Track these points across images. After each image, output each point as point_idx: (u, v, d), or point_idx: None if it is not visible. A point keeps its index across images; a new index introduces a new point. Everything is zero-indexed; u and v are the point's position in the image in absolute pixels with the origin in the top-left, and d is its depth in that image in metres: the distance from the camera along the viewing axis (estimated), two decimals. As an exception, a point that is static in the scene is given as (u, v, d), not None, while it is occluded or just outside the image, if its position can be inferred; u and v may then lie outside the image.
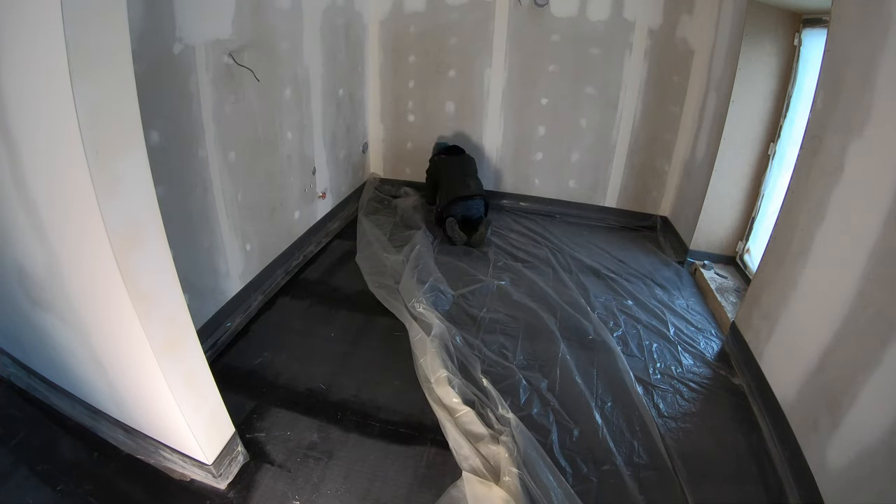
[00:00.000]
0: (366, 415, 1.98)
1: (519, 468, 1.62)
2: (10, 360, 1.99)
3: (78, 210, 1.18)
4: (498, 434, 1.78)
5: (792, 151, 2.43)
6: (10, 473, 1.66)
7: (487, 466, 1.69)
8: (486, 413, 1.90)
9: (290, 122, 2.82)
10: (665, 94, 3.50)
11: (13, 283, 1.59)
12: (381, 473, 1.73)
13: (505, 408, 1.90)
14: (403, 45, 3.80)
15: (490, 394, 2.00)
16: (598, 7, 3.36)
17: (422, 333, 2.32)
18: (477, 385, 2.06)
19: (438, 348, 2.19)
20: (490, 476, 1.65)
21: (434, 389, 2.01)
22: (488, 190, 4.09)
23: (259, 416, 1.95)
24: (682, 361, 2.36)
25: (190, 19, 1.92)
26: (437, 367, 2.08)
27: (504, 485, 1.58)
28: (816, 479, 1.58)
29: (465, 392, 1.99)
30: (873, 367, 1.41)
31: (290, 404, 2.01)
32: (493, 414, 1.89)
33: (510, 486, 1.57)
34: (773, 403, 1.94)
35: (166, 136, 1.90)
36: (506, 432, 1.77)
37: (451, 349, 2.24)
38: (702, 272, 3.08)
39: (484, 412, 1.90)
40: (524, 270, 3.10)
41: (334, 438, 1.87)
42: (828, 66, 1.91)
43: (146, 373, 1.41)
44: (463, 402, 1.91)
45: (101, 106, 1.10)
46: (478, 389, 2.03)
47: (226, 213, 2.33)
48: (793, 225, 2.01)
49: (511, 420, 1.83)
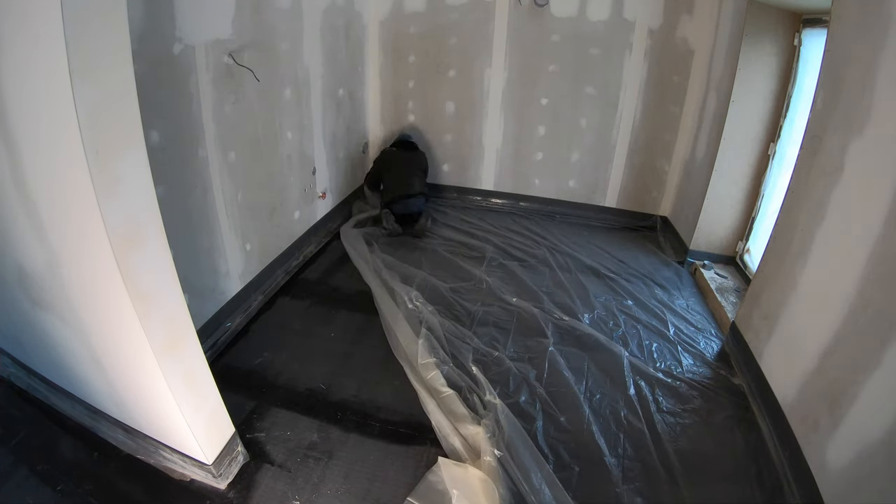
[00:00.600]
0: (366, 415, 1.98)
1: (500, 449, 1.65)
2: (10, 360, 1.99)
3: (78, 210, 1.18)
4: (480, 417, 1.81)
5: (792, 151, 2.43)
6: (10, 473, 1.66)
7: (467, 447, 1.72)
8: (472, 398, 1.95)
9: (290, 122, 2.82)
10: (665, 94, 3.50)
11: (13, 283, 1.59)
12: (381, 473, 1.73)
13: (493, 394, 1.93)
14: (403, 45, 3.80)
15: (479, 380, 2.04)
16: (598, 7, 3.36)
17: (389, 300, 2.44)
18: (467, 373, 2.11)
19: (427, 337, 2.24)
20: (470, 456, 1.67)
21: (419, 371, 2.07)
22: (489, 190, 4.11)
23: (259, 416, 1.95)
24: (681, 361, 2.36)
25: (190, 19, 1.92)
26: (425, 355, 2.13)
27: (482, 464, 1.59)
28: (816, 479, 1.58)
29: (452, 377, 2.05)
30: (873, 367, 1.41)
31: (290, 404, 2.01)
32: (481, 400, 1.94)
33: (488, 466, 1.58)
34: (773, 403, 1.94)
35: (166, 136, 1.90)
36: (488, 416, 1.80)
37: (443, 339, 2.30)
38: (702, 272, 3.08)
39: (471, 397, 1.96)
40: (518, 269, 3.11)
41: (334, 438, 1.87)
42: (828, 66, 1.91)
43: (146, 373, 1.41)
44: (447, 385, 1.97)
45: (101, 106, 1.09)
46: (467, 376, 2.08)
47: (226, 213, 2.33)
48: (793, 225, 2.01)
49: (497, 405, 1.86)
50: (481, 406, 1.91)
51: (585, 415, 2.00)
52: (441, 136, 4.03)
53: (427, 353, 2.16)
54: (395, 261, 3.03)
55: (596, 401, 2.08)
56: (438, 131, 4.02)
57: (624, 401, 2.09)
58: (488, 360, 2.25)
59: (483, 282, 2.92)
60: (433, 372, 2.06)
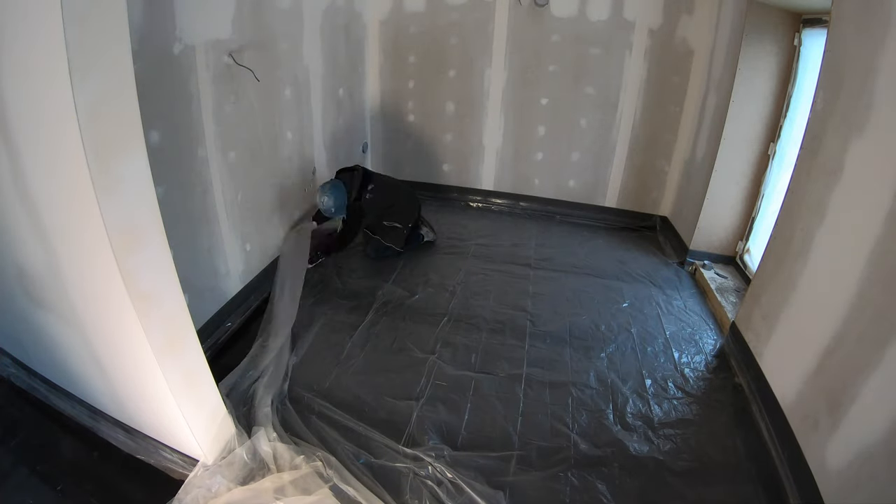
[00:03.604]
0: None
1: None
2: (10, 360, 1.99)
3: (78, 210, 1.19)
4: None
5: (792, 151, 2.42)
6: (10, 473, 1.67)
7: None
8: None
9: (290, 122, 2.82)
10: (665, 94, 3.50)
11: (13, 283, 1.59)
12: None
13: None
14: (403, 45, 3.79)
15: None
16: (598, 7, 3.36)
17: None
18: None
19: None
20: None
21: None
22: (489, 190, 4.11)
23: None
24: (681, 361, 2.36)
25: (190, 19, 1.92)
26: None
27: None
28: (816, 479, 1.58)
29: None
30: (873, 368, 1.41)
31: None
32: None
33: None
34: (773, 403, 1.94)
35: (166, 136, 1.90)
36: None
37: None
38: (702, 272, 3.08)
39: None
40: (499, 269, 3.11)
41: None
42: (828, 66, 1.91)
43: (146, 372, 1.41)
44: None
45: (101, 106, 1.10)
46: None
47: (226, 214, 2.33)
48: (793, 225, 2.01)
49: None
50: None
51: (578, 416, 2.00)
52: (441, 136, 4.03)
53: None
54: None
55: (588, 400, 2.09)
56: (438, 131, 4.02)
57: (623, 401, 2.10)
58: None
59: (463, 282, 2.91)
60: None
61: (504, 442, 1.87)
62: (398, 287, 2.85)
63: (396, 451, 1.77)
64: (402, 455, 1.76)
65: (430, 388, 2.10)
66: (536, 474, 1.74)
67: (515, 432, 1.91)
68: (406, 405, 2.00)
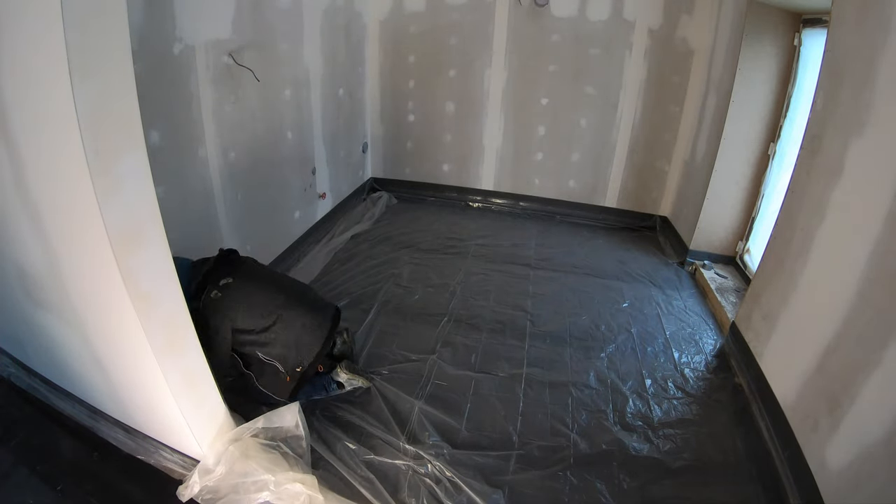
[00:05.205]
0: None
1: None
2: (10, 360, 1.99)
3: (78, 210, 1.18)
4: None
5: (792, 151, 2.42)
6: (10, 473, 1.66)
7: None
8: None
9: (290, 122, 2.82)
10: (665, 94, 3.50)
11: (13, 283, 1.59)
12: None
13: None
14: (403, 45, 3.79)
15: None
16: (598, 7, 3.36)
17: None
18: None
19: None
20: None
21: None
22: (489, 190, 4.10)
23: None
24: (681, 361, 2.36)
25: (190, 19, 1.92)
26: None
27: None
28: (816, 479, 1.58)
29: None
30: (873, 367, 1.41)
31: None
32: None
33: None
34: (773, 403, 1.94)
35: (166, 136, 1.90)
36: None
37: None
38: (702, 272, 3.08)
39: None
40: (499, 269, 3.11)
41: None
42: (828, 66, 1.91)
43: (146, 372, 1.41)
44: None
45: (101, 106, 1.09)
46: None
47: (226, 214, 2.33)
48: (793, 225, 2.01)
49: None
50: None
51: (577, 416, 2.00)
52: (441, 135, 4.03)
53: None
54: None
55: (588, 400, 2.09)
56: (438, 131, 4.02)
57: (623, 401, 2.09)
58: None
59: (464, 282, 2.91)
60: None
61: (504, 441, 1.87)
62: (398, 287, 2.85)
63: (397, 448, 1.78)
64: (401, 452, 1.77)
65: (430, 387, 2.10)
66: (536, 473, 1.74)
67: (515, 431, 1.91)
68: (407, 403, 2.00)
